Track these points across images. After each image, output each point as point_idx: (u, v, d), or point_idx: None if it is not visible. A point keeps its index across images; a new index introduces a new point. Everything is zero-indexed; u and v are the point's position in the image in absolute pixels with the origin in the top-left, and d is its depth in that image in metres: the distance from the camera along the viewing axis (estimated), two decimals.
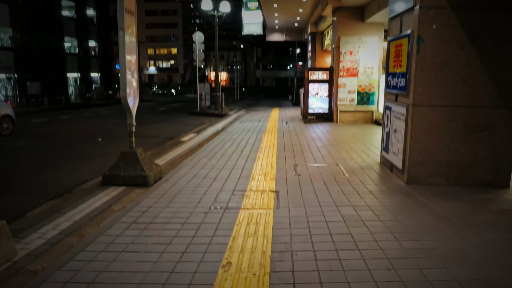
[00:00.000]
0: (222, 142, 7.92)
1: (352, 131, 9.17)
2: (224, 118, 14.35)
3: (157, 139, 9.89)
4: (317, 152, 6.61)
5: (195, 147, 7.31)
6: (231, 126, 11.08)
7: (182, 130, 11.70)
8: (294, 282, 2.31)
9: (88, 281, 2.38)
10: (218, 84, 18.52)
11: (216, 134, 9.33)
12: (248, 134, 9.10)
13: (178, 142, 8.32)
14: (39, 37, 26.75)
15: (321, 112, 11.22)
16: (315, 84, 11.06)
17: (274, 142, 7.74)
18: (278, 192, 4.19)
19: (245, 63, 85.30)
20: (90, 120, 15.65)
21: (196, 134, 9.49)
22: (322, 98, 11.12)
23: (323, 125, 10.53)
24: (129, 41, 4.53)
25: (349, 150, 6.72)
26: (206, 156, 6.36)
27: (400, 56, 4.78)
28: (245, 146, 7.32)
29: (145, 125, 13.54)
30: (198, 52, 19.09)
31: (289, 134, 8.84)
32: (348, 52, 10.48)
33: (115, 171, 4.56)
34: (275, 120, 12.40)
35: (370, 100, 10.64)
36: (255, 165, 5.58)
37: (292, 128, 10.09)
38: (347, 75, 10.57)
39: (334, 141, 7.79)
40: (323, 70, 11.08)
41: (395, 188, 4.38)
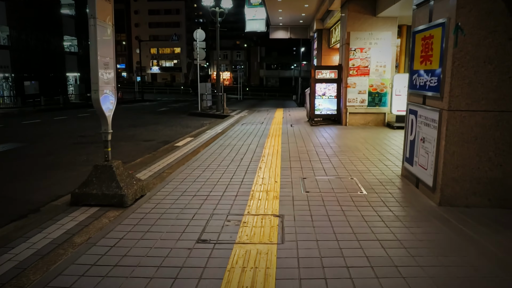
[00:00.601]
0: (220, 148, 7.13)
1: (364, 136, 8.35)
2: (225, 120, 13.58)
3: (152, 143, 9.13)
4: (327, 161, 5.80)
5: (189, 155, 6.53)
6: (231, 129, 10.30)
7: (179, 133, 10.94)
8: None
9: None
10: (219, 83, 17.75)
11: (215, 138, 8.55)
12: (249, 138, 8.31)
13: (172, 147, 7.54)
14: (37, 35, 26.11)
15: (329, 114, 10.40)
16: (322, 83, 10.25)
17: (278, 148, 6.95)
18: (283, 217, 3.40)
19: (248, 62, 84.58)
20: (85, 121, 14.93)
21: (193, 138, 8.71)
22: (329, 98, 10.31)
23: (331, 128, 9.71)
24: (104, 32, 3.76)
25: (363, 159, 5.91)
26: (200, 166, 5.57)
27: (430, 50, 3.97)
28: (245, 153, 6.53)
29: (141, 127, 12.80)
30: (199, 51, 18.34)
31: (295, 139, 8.04)
32: (359, 49, 9.65)
33: (86, 189, 3.79)
34: (279, 122, 11.60)
35: (382, 101, 9.81)
36: (256, 178, 4.79)
37: (298, 131, 9.29)
38: (357, 74, 9.75)
39: (345, 147, 6.98)
40: (331, 69, 10.26)
41: (427, 212, 3.57)
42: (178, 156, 6.48)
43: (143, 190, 4.10)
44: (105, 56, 3.81)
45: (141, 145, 8.87)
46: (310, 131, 9.21)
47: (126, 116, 17.67)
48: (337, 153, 6.44)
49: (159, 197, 4.04)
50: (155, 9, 79.48)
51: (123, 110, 22.49)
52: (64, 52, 29.83)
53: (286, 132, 9.14)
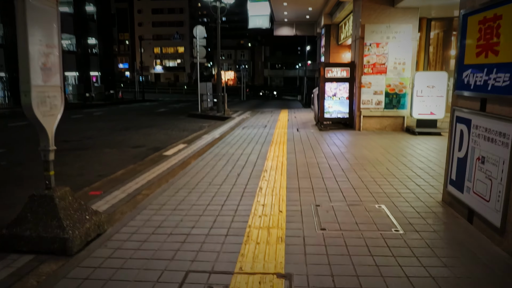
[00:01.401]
0: (214, 159, 6.06)
1: (383, 143, 7.24)
2: (226, 122, 12.52)
3: (140, 150, 8.09)
4: (344, 178, 4.71)
5: (177, 167, 5.47)
6: (231, 133, 9.23)
7: (173, 138, 9.89)
8: None
9: None
10: (220, 83, 16.70)
11: (211, 145, 7.49)
12: (250, 146, 7.23)
13: (160, 157, 6.48)
14: None
15: (340, 117, 9.29)
16: (333, 83, 9.14)
17: (283, 160, 5.86)
18: (291, 279, 2.32)
19: (253, 62, 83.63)
20: (75, 124, 13.94)
21: (187, 145, 7.65)
22: (341, 100, 9.20)
23: (343, 133, 8.60)
24: (40, 10, 2.71)
25: (388, 176, 4.81)
26: (187, 185, 4.50)
27: (495, 36, 2.86)
28: (243, 166, 5.45)
29: (134, 130, 11.77)
30: (199, 48, 17.32)
31: (302, 147, 6.95)
32: (374, 44, 8.53)
33: (18, 229, 2.73)
34: (284, 126, 10.51)
35: (400, 103, 8.69)
36: (255, 205, 3.71)
37: (305, 137, 8.20)
38: (373, 72, 8.63)
39: (363, 159, 5.88)
40: (342, 67, 9.14)
41: (498, 269, 2.47)
42: (163, 169, 5.42)
43: (101, 227, 3.03)
44: (42, 43, 2.76)
45: (127, 153, 7.83)
46: (319, 137, 8.11)
47: (121, 117, 16.67)
48: (355, 166, 5.34)
49: (121, 237, 2.97)
50: (159, 8, 78.89)
51: (120, 111, 21.52)
52: (62, 50, 28.86)
53: (292, 138, 8.05)
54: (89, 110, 22.02)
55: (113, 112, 20.12)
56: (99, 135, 10.74)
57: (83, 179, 5.73)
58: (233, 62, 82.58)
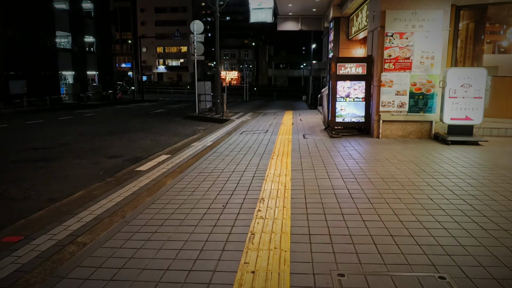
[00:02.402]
0: (198, 178, 4.68)
1: (411, 156, 5.80)
2: (223, 126, 11.15)
3: (115, 162, 6.73)
4: (374, 217, 3.29)
5: (145, 192, 4.09)
6: (226, 140, 7.85)
7: (160, 145, 8.54)
8: None
9: None
10: (218, 82, 15.36)
11: (199, 156, 6.11)
12: (245, 158, 5.84)
13: (131, 174, 5.12)
14: (26, 30, 23.98)
15: (354, 121, 7.85)
16: (346, 81, 7.71)
17: (286, 181, 4.45)
18: None
19: (257, 61, 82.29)
20: (58, 126, 12.63)
21: (170, 156, 6.28)
22: (355, 101, 7.77)
23: (359, 141, 7.18)
24: None
25: (436, 212, 3.38)
26: (147, 226, 3.12)
27: None
28: (233, 192, 4.05)
29: (119, 134, 10.42)
30: (196, 44, 15.97)
31: (311, 161, 5.54)
32: (397, 35, 7.10)
33: None
34: (288, 131, 9.10)
35: (428, 105, 7.25)
36: (240, 275, 2.31)
37: (313, 146, 6.78)
38: (395, 69, 7.20)
39: (392, 181, 4.45)
40: (358, 62, 7.71)
41: None
42: (127, 194, 4.05)
43: None
44: None
45: (98, 166, 6.47)
46: (331, 147, 6.69)
47: (111, 119, 15.35)
48: (385, 194, 3.92)
49: None
50: (162, 7, 78.02)
51: (114, 112, 20.23)
52: (57, 48, 27.67)
53: (298, 148, 6.64)
54: (81, 111, 20.75)
55: (106, 114, 18.82)
56: (78, 140, 9.41)
57: (25, 205, 4.39)
58: (237, 61, 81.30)
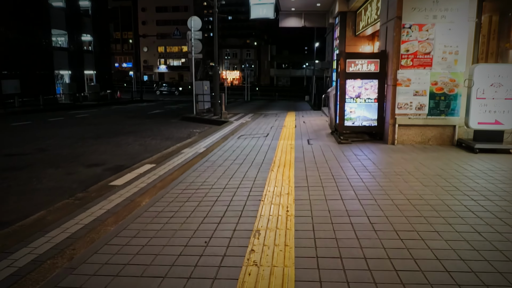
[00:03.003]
0: (179, 198, 3.81)
1: (435, 168, 4.91)
2: (220, 128, 10.29)
3: (93, 172, 5.88)
4: (411, 264, 2.41)
5: (112, 218, 3.23)
6: (221, 146, 6.99)
7: (149, 151, 7.69)
8: None
9: None
10: (217, 81, 14.50)
11: (188, 167, 5.26)
12: (241, 170, 4.97)
13: (104, 190, 4.26)
14: (20, 28, 23.20)
15: (366, 125, 6.97)
16: (357, 80, 6.83)
17: (289, 206, 3.57)
18: None
19: (258, 61, 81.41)
20: (46, 129, 11.79)
21: (154, 166, 5.42)
22: (367, 103, 6.89)
23: (372, 149, 6.30)
24: None
25: (489, 254, 2.51)
26: (95, 277, 2.26)
27: None
28: (220, 220, 3.18)
29: (106, 138, 9.56)
30: (194, 42, 15.15)
31: (318, 176, 4.65)
32: (416, 26, 6.22)
33: None
34: (291, 135, 8.23)
35: (451, 107, 6.36)
36: None
37: (320, 154, 5.90)
38: (413, 65, 6.32)
39: (420, 203, 3.57)
40: (370, 58, 6.81)
41: None
42: (88, 221, 3.19)
43: None
44: None
45: (72, 177, 5.62)
46: (340, 156, 5.81)
47: (103, 121, 14.50)
48: (417, 225, 3.02)
49: None
50: (163, 7, 77.44)
51: (109, 112, 19.40)
52: (52, 47, 26.87)
53: (302, 157, 5.76)
54: (75, 111, 19.93)
55: (100, 114, 18.00)
56: (59, 145, 8.57)
57: None
58: (239, 61, 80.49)
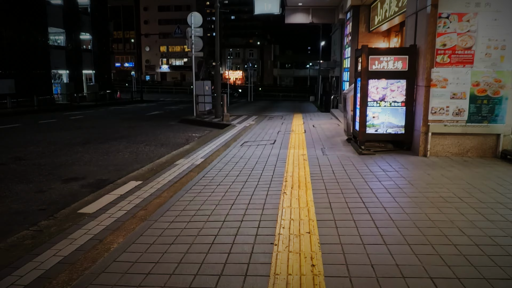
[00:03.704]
0: (160, 243, 2.82)
1: (494, 193, 3.89)
2: (222, 133, 9.32)
3: (69, 189, 4.91)
4: None
5: (63, 275, 2.26)
6: (222, 156, 6.00)
7: (139, 160, 6.73)
8: None
9: None
10: (218, 81, 13.55)
11: (181, 185, 4.28)
12: (244, 193, 3.98)
13: (71, 219, 3.30)
14: (14, 26, 22.32)
15: (391, 133, 5.95)
16: (381, 80, 5.83)
17: (314, 257, 2.56)
18: None
19: (262, 61, 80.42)
20: (32, 133, 10.84)
21: (141, 184, 4.45)
22: (393, 107, 5.88)
23: (401, 162, 5.29)
24: None
25: None
26: None
27: None
28: (218, 279, 2.20)
29: (94, 145, 8.57)
30: (194, 39, 14.17)
31: (345, 203, 3.65)
32: (455, 16, 5.22)
33: None
34: (301, 143, 7.24)
35: (495, 112, 5.35)
36: None
37: (341, 171, 4.90)
38: (451, 63, 5.32)
39: (505, 261, 2.58)
40: (398, 54, 5.79)
41: None
42: (27, 282, 2.21)
43: None
44: None
45: (42, 196, 4.65)
46: (366, 172, 4.80)
47: (97, 123, 13.55)
48: None
49: None
50: (165, 6, 76.72)
51: (106, 113, 18.47)
52: (49, 46, 25.97)
53: (319, 173, 4.77)
54: (70, 112, 19.01)
55: (95, 116, 17.07)
56: (41, 153, 7.62)
57: None
58: (241, 61, 79.56)
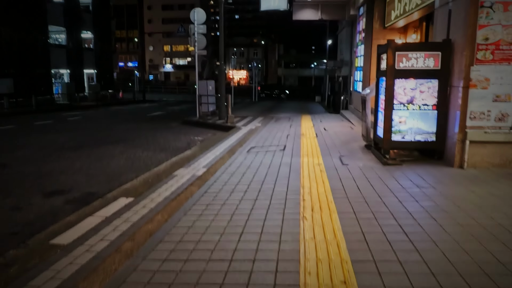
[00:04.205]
0: None
1: None
2: (226, 136, 8.60)
3: (49, 205, 4.21)
4: None
5: None
6: (227, 165, 5.28)
7: (135, 167, 6.04)
8: None
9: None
10: (223, 81, 12.84)
11: (177, 205, 3.57)
12: (255, 216, 3.25)
13: (42, 251, 2.59)
14: (12, 24, 21.75)
15: (420, 140, 5.21)
16: (410, 80, 5.08)
17: None
18: None
19: (266, 60, 79.69)
20: (24, 135, 10.18)
21: (131, 203, 3.74)
22: (423, 110, 5.14)
23: (434, 174, 4.55)
24: None
25: None
26: None
27: None
28: None
29: (88, 149, 7.86)
30: (197, 37, 13.48)
31: (381, 232, 2.92)
32: (500, 6, 4.47)
33: None
34: (315, 149, 6.51)
35: None
36: None
37: (366, 185, 4.16)
38: (494, 60, 4.58)
39: None
40: (428, 50, 5.05)
41: None
42: None
43: None
44: None
45: (15, 215, 3.96)
46: (397, 189, 4.07)
47: (94, 125, 12.88)
48: None
49: None
50: (169, 4, 76.22)
51: (106, 114, 17.82)
52: (49, 44, 25.40)
53: (341, 188, 4.04)
54: (69, 113, 18.38)
55: (95, 117, 16.43)
56: (28, 159, 6.96)
57: None
58: (245, 60, 78.85)
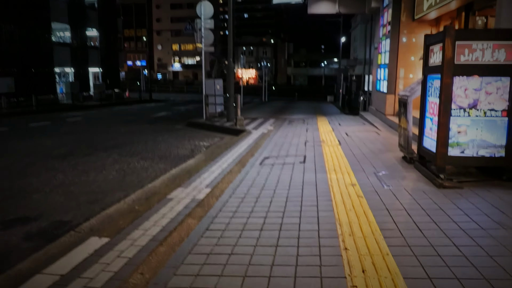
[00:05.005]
0: None
1: None
2: (235, 143, 7.54)
3: (4, 241, 3.15)
4: None
5: None
6: (236, 185, 4.18)
7: (125, 184, 4.98)
8: None
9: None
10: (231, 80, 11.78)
11: (166, 254, 2.48)
12: (279, 283, 2.18)
13: None
14: (14, 21, 21.01)
15: (485, 156, 4.06)
16: (473, 78, 3.94)
17: None
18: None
19: (275, 59, 78.53)
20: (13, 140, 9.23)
21: (105, 245, 2.66)
22: (489, 117, 4.00)
23: (508, 202, 3.43)
24: None
25: None
26: None
27: None
28: None
29: (79, 157, 6.83)
30: (204, 32, 12.45)
31: None
32: None
33: None
34: (342, 162, 5.38)
35: None
36: None
37: (427, 221, 3.03)
38: None
39: None
40: (498, 40, 3.90)
41: None
42: None
43: None
44: None
45: None
46: (471, 227, 2.92)
47: (92, 127, 11.91)
48: None
49: None
50: (178, 3, 75.61)
51: (108, 115, 16.88)
52: (52, 42, 24.63)
53: (396, 229, 2.92)
54: (70, 113, 17.50)
55: (95, 118, 15.50)
56: (7, 169, 5.98)
57: None
58: (255, 59, 77.76)
